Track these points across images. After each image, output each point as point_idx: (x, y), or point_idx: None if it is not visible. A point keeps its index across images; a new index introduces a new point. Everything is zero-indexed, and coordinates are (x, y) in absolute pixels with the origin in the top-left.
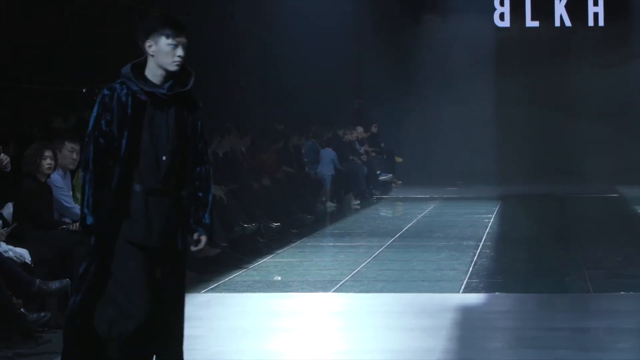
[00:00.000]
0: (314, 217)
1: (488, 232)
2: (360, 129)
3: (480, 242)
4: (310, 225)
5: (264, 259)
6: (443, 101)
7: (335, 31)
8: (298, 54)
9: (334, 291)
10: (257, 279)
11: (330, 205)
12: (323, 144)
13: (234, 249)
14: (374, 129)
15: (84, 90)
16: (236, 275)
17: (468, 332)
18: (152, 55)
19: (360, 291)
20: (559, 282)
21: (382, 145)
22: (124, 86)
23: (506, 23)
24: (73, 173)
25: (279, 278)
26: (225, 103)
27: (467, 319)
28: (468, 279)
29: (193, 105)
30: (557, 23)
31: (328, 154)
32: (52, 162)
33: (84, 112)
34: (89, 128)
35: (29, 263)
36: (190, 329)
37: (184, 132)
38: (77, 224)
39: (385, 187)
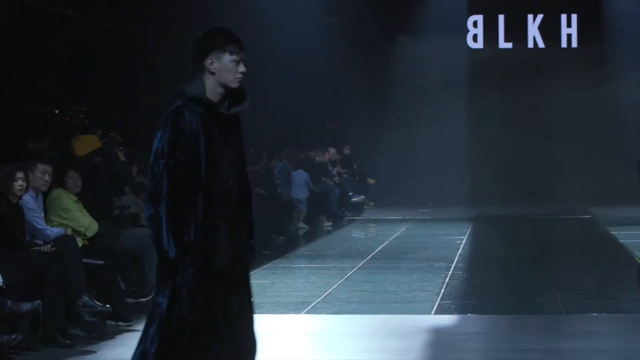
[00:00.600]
0: (286, 238)
1: (460, 254)
2: (332, 151)
3: (453, 263)
4: (282, 247)
5: None
6: (416, 122)
7: (309, 53)
8: (271, 75)
9: (305, 313)
10: None
11: (302, 227)
12: (295, 165)
13: None
14: (346, 151)
15: (56, 112)
16: None
17: (440, 353)
18: (213, 73)
19: (332, 313)
20: (531, 304)
21: (355, 166)
22: (190, 109)
23: (479, 44)
24: (45, 194)
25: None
26: None
27: (439, 340)
28: (440, 300)
29: (239, 124)
30: (531, 44)
31: (301, 176)
32: (24, 184)
33: (57, 134)
34: (159, 156)
35: (1, 285)
36: None
37: (242, 153)
38: (49, 245)
39: (358, 208)
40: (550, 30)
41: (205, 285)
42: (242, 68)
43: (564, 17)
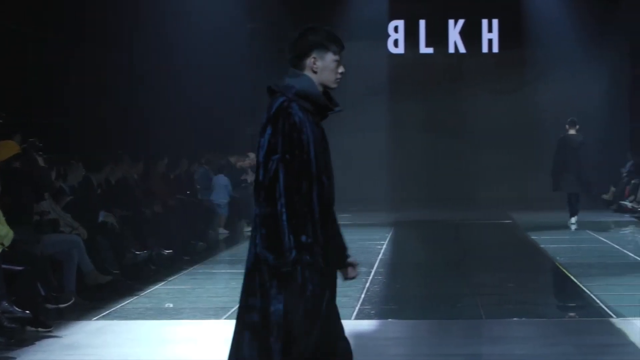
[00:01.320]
0: (206, 244)
1: (381, 259)
2: (252, 156)
3: (373, 268)
4: (202, 252)
5: (156, 286)
6: (337, 127)
7: (231, 57)
8: (193, 80)
9: (225, 318)
10: (149, 306)
11: (223, 232)
12: (216, 170)
13: (126, 276)
14: None
15: None
16: (128, 303)
17: (361, 358)
18: (315, 72)
19: None
20: (452, 309)
21: None
22: (297, 104)
23: (400, 50)
24: None
25: (171, 305)
26: (118, 130)
27: (359, 345)
28: (360, 305)
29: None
30: (452, 50)
31: (221, 181)
32: None
33: None
34: (272, 151)
35: None
36: (81, 357)
37: (329, 151)
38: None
39: None
40: (471, 35)
41: (324, 285)
42: (342, 69)
43: (484, 22)
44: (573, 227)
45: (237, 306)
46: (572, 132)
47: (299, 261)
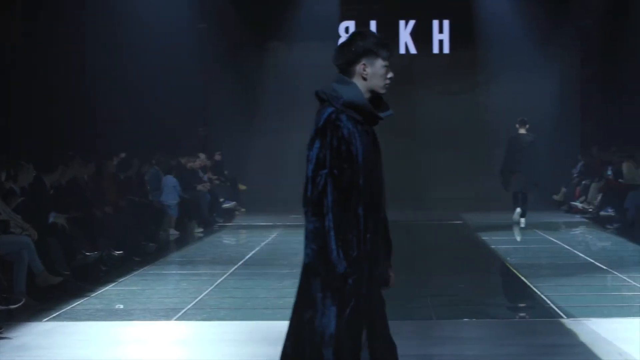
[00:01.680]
0: (157, 245)
1: None
2: (203, 157)
3: None
4: (153, 253)
5: (106, 287)
6: (288, 128)
7: (181, 58)
8: (143, 81)
9: (176, 319)
10: (99, 307)
11: (173, 233)
12: (166, 171)
13: (76, 277)
14: (217, 157)
15: None
16: (78, 304)
17: None
18: (365, 79)
19: (203, 319)
20: (403, 309)
21: (226, 172)
22: (346, 115)
23: None
24: None
25: (121, 306)
26: (70, 131)
27: None
28: None
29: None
30: (402, 50)
31: (170, 182)
32: None
33: None
34: (320, 165)
35: None
36: (32, 358)
37: (381, 155)
38: None
39: (229, 214)
40: (422, 36)
41: (370, 298)
42: (391, 74)
43: (435, 23)
44: (519, 224)
45: (188, 307)
46: (522, 131)
47: (347, 276)
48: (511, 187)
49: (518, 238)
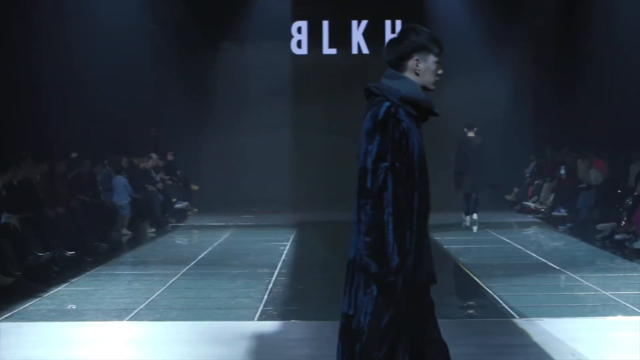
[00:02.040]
0: (109, 245)
1: (284, 260)
2: (155, 157)
3: (276, 269)
4: (105, 254)
5: (59, 288)
6: (240, 128)
7: (133, 58)
8: (94, 81)
9: (128, 320)
10: (52, 307)
11: (126, 233)
12: (120, 171)
13: (28, 278)
14: (169, 157)
15: None
16: (30, 304)
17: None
18: (417, 74)
19: (155, 319)
20: None
21: (178, 173)
22: (403, 109)
23: (304, 50)
24: None
25: (74, 307)
26: (22, 131)
27: (262, 346)
28: (263, 306)
29: None
30: (355, 51)
31: (120, 182)
32: None
33: None
34: (381, 158)
35: None
36: None
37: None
38: None
39: (181, 214)
40: (374, 36)
41: (418, 295)
42: (440, 70)
43: (388, 23)
44: (469, 225)
45: (140, 307)
46: (470, 134)
47: (400, 271)
48: (462, 187)
49: (470, 238)
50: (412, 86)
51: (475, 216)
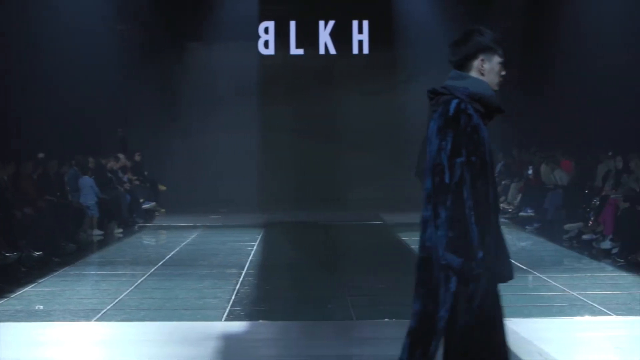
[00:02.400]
0: (77, 245)
1: (251, 260)
2: (122, 157)
3: (244, 270)
4: (73, 254)
5: (26, 288)
6: (208, 129)
7: (100, 59)
8: (61, 81)
9: (96, 320)
10: (19, 308)
11: (97, 233)
12: (86, 172)
13: None
14: (137, 157)
15: None
16: None
17: None
18: (482, 74)
19: (123, 320)
20: (323, 310)
21: (146, 173)
22: (472, 106)
23: (271, 51)
24: None
25: (41, 307)
26: None
27: (230, 347)
28: (231, 307)
29: None
30: (322, 51)
31: (86, 182)
32: None
33: None
34: (455, 154)
35: None
36: None
37: None
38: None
39: (149, 215)
40: (341, 36)
41: (493, 292)
42: (504, 71)
43: (355, 23)
44: None
45: (107, 308)
46: None
47: (484, 263)
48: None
49: None
50: (479, 84)
51: None
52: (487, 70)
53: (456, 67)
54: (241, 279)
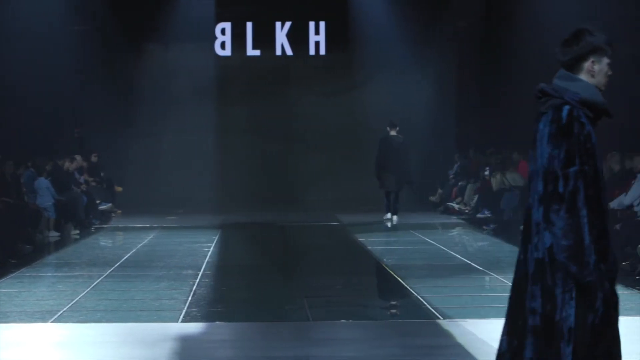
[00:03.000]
0: (33, 247)
1: (208, 261)
2: (79, 158)
3: (200, 271)
4: (29, 255)
5: None
6: (164, 130)
7: (57, 60)
8: (17, 82)
9: (52, 321)
10: None
11: (54, 235)
12: (43, 173)
13: None
14: (93, 158)
15: None
16: None
17: None
18: (593, 75)
19: (79, 321)
20: (279, 311)
21: (102, 174)
22: (582, 112)
23: (227, 52)
24: None
25: None
26: None
27: (186, 348)
28: (187, 308)
29: None
30: (279, 52)
31: (43, 184)
32: None
33: None
34: (570, 163)
35: None
36: None
37: None
38: None
39: (105, 216)
40: (298, 37)
41: (612, 295)
42: (611, 71)
43: (312, 24)
44: (388, 223)
45: (64, 309)
46: (392, 133)
47: (599, 270)
48: (385, 186)
49: (394, 239)
50: (589, 88)
51: (393, 216)
52: (597, 71)
53: (565, 68)
54: (198, 280)
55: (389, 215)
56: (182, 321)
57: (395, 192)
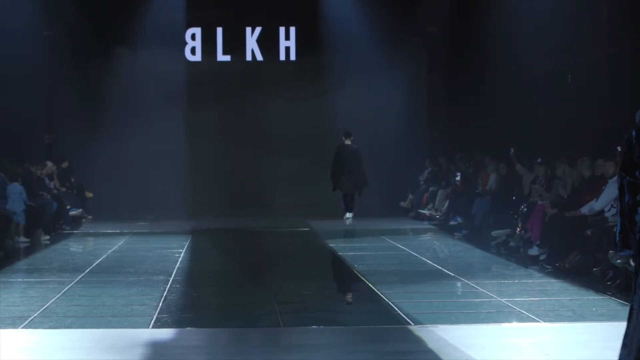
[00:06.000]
0: (3, 252)
1: (178, 267)
2: (50, 164)
3: (171, 276)
4: None
5: None
6: (134, 135)
7: (26, 65)
8: None
9: (22, 327)
10: None
11: (23, 241)
12: (16, 179)
13: None
14: (64, 164)
15: None
16: None
17: None
18: None
19: (50, 327)
20: (250, 317)
21: (72, 180)
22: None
23: (198, 57)
24: None
25: None
26: None
27: (157, 354)
28: (158, 314)
29: None
30: (249, 57)
31: (15, 189)
32: None
33: None
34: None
35: None
36: None
37: None
38: None
39: (76, 222)
40: (268, 43)
41: None
42: None
43: (282, 30)
44: (348, 221)
45: (34, 315)
46: (347, 142)
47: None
48: (339, 189)
49: (365, 245)
50: None
51: (350, 214)
52: None
53: None
54: (168, 286)
55: (347, 214)
56: (153, 327)
57: (350, 194)
